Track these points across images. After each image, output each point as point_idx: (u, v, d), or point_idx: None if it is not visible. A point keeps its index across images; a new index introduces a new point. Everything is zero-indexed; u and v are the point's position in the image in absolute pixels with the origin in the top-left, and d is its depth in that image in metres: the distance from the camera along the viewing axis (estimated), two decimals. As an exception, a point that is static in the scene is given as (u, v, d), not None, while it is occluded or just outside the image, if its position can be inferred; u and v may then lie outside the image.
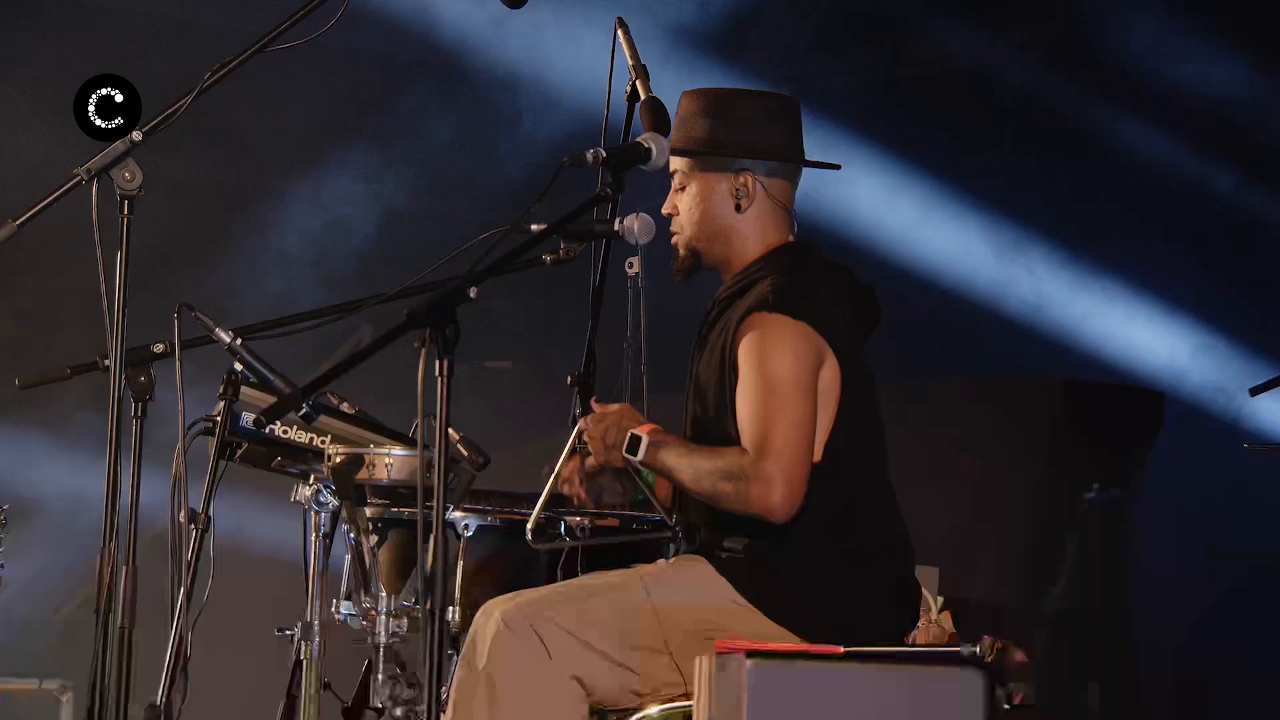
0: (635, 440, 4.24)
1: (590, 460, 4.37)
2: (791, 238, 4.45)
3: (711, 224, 4.43)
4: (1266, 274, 8.19)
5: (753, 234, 4.41)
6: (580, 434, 4.37)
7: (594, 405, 4.40)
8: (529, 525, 4.54)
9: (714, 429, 4.29)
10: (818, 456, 4.19)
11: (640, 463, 4.25)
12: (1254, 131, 8.09)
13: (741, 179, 4.40)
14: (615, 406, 4.37)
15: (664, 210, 4.48)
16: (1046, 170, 8.58)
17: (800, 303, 4.22)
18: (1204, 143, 8.20)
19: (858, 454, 4.29)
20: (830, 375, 4.22)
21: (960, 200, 8.58)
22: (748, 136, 4.40)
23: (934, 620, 5.30)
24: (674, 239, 4.47)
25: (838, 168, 4.57)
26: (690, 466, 4.19)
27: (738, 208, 4.41)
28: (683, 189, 4.44)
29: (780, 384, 4.15)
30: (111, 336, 4.01)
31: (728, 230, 4.43)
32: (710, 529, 4.33)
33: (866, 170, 8.56)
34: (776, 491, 4.10)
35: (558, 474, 4.60)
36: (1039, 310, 8.42)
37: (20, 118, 8.26)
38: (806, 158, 4.47)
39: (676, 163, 4.45)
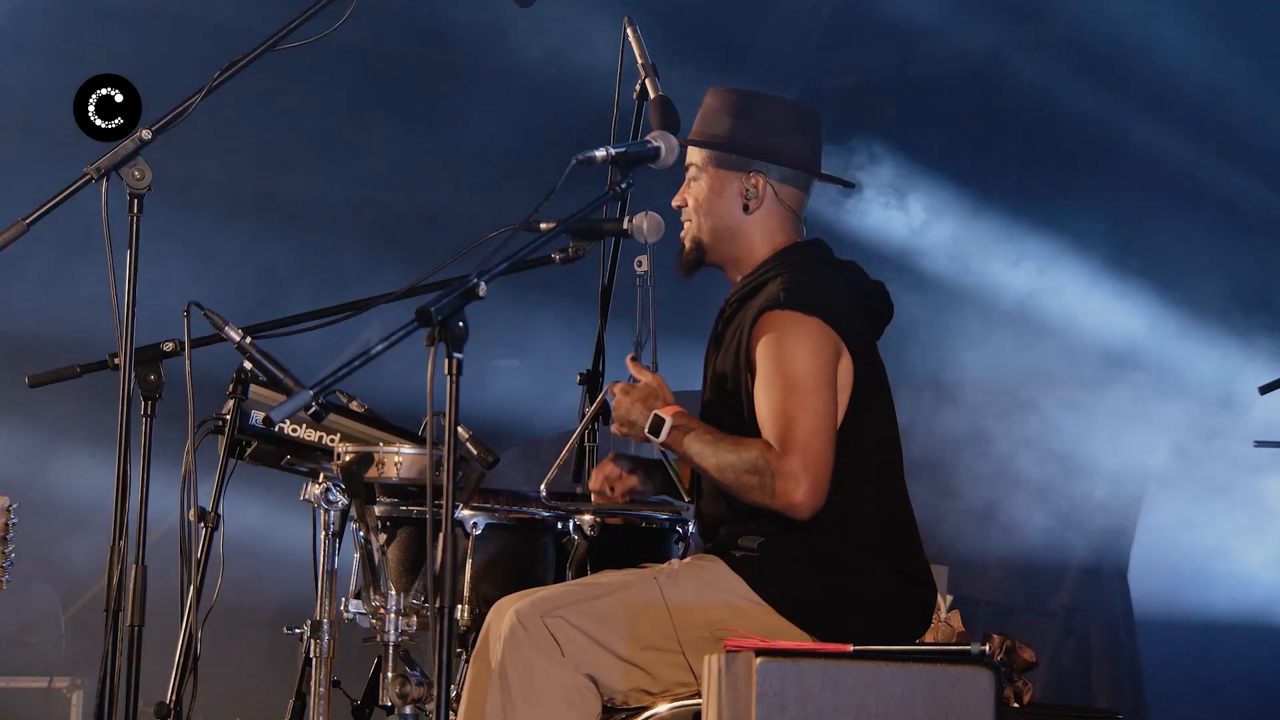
0: (659, 421, 4.25)
1: (612, 428, 4.37)
2: (798, 237, 4.46)
3: (718, 221, 4.44)
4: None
5: (759, 235, 4.42)
6: (604, 401, 4.39)
7: (629, 363, 4.40)
8: (543, 484, 4.57)
9: (731, 427, 4.28)
10: None
11: (660, 445, 4.26)
12: (1264, 127, 8.08)
13: (752, 180, 4.40)
14: (647, 378, 4.37)
15: (674, 202, 4.49)
16: (1056, 167, 8.57)
17: (812, 299, 4.22)
18: (1211, 138, 8.19)
19: (870, 450, 4.28)
20: (845, 371, 4.23)
21: (968, 197, 8.58)
22: (765, 140, 4.41)
23: (943, 619, 5.30)
24: (682, 231, 4.49)
25: (852, 185, 4.57)
26: (714, 456, 4.19)
27: (746, 208, 4.42)
28: (695, 182, 4.46)
29: (800, 380, 4.15)
30: (121, 335, 4.02)
31: (734, 229, 4.44)
32: (726, 526, 4.33)
33: (873, 167, 8.55)
34: (801, 487, 4.09)
35: (576, 437, 4.67)
36: (1046, 307, 8.41)
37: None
38: (823, 171, 4.48)
39: (693, 155, 4.47)
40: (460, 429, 3.87)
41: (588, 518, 4.73)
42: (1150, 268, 8.27)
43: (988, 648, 3.99)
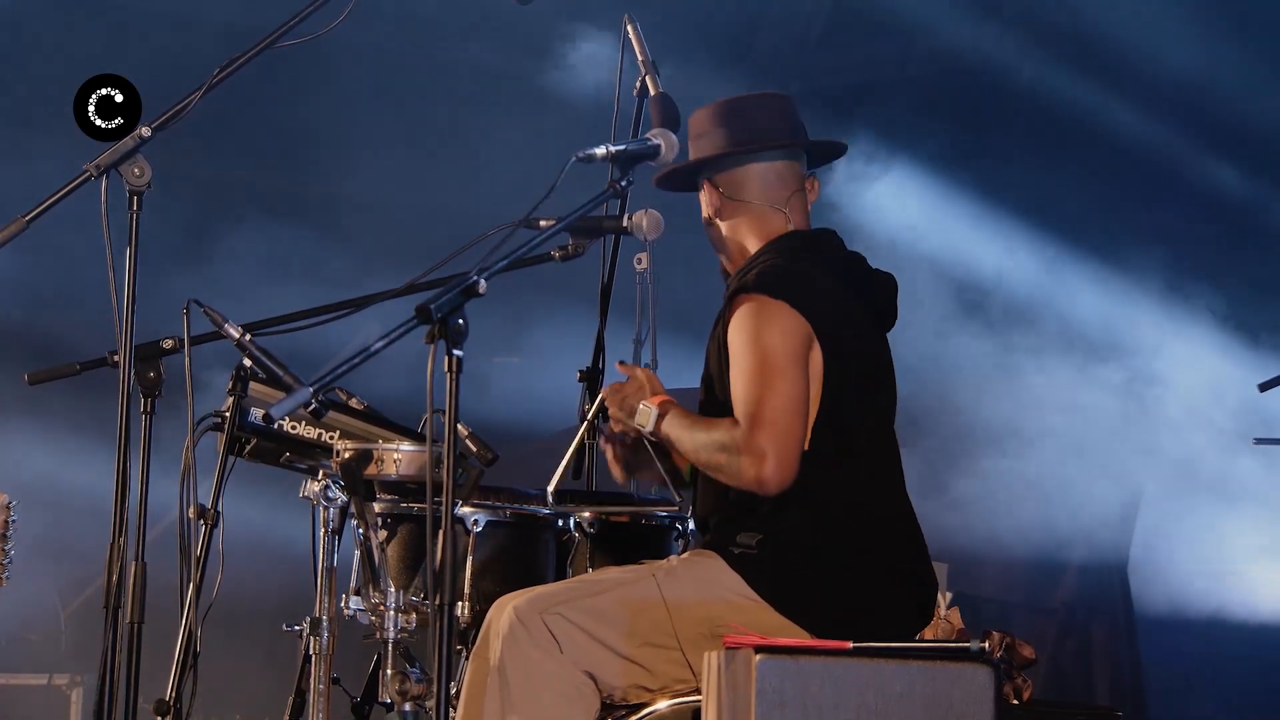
0: (645, 412, 4.28)
1: (609, 426, 4.41)
2: (790, 226, 4.45)
3: (710, 238, 4.54)
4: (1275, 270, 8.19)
5: (746, 234, 4.47)
6: (603, 402, 4.42)
7: (618, 366, 4.43)
8: (549, 488, 4.58)
9: (718, 412, 4.30)
10: (806, 444, 4.19)
11: (649, 434, 4.28)
12: (1264, 125, 8.08)
13: (705, 194, 4.47)
14: (638, 374, 4.39)
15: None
16: (1057, 164, 8.57)
17: (780, 284, 4.24)
18: (1208, 135, 8.19)
19: (854, 443, 4.28)
20: (815, 359, 4.23)
21: (969, 195, 8.58)
22: (698, 151, 4.50)
23: (942, 616, 5.30)
24: None
25: (842, 149, 4.59)
26: (690, 438, 4.22)
27: (718, 215, 4.46)
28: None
29: (766, 359, 4.17)
30: (121, 332, 4.02)
31: (720, 241, 4.52)
32: (717, 518, 4.33)
33: (875, 165, 8.56)
34: (768, 464, 4.11)
35: (579, 438, 4.71)
36: (1049, 301, 8.41)
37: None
38: (778, 141, 4.48)
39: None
40: (460, 426, 3.87)
41: (587, 515, 4.73)
42: (1156, 264, 8.27)
43: (987, 645, 3.99)
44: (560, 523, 4.73)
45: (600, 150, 4.17)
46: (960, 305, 8.43)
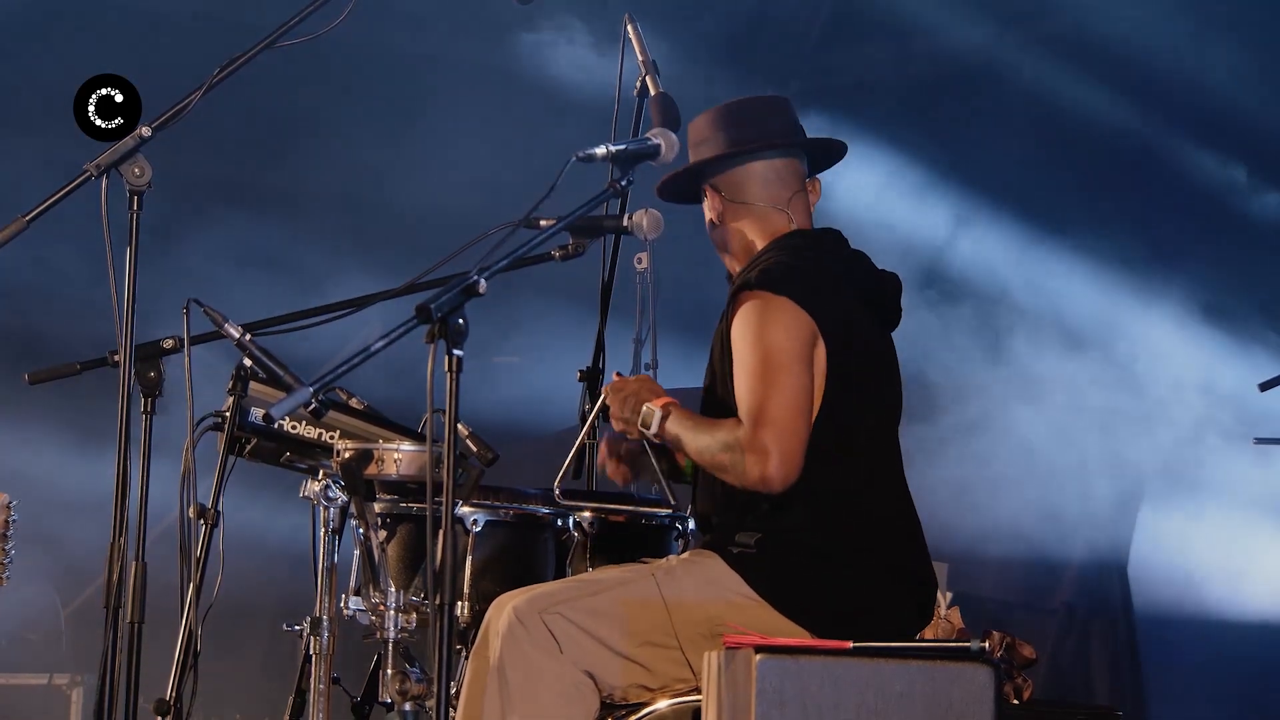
0: (649, 414, 4.29)
1: (611, 426, 4.41)
2: (793, 226, 4.46)
3: (716, 243, 4.54)
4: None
5: (748, 233, 4.49)
6: (604, 403, 4.42)
7: (615, 376, 4.44)
8: (555, 482, 4.58)
9: (720, 409, 4.31)
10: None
11: (653, 436, 4.29)
12: (1260, 125, 8.09)
13: (708, 199, 4.47)
14: (635, 379, 4.40)
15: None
16: (1056, 163, 8.57)
17: (783, 280, 4.25)
18: (1207, 134, 8.19)
19: (854, 440, 4.28)
20: (819, 356, 4.23)
21: (970, 193, 8.58)
22: (697, 157, 4.51)
23: (943, 616, 5.30)
24: None
25: (842, 149, 4.60)
26: (694, 440, 4.22)
27: (720, 220, 4.47)
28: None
29: (770, 357, 4.18)
30: (121, 332, 4.02)
31: (724, 244, 4.53)
32: (718, 518, 4.33)
33: (873, 165, 8.56)
34: (772, 461, 4.11)
35: (582, 438, 4.72)
36: (1046, 300, 8.42)
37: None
38: (775, 140, 4.50)
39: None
40: (460, 426, 3.87)
41: (587, 514, 4.74)
42: (1154, 267, 8.27)
43: (987, 645, 3.99)
44: (560, 522, 4.73)
45: (600, 150, 4.17)
46: (960, 304, 8.44)
